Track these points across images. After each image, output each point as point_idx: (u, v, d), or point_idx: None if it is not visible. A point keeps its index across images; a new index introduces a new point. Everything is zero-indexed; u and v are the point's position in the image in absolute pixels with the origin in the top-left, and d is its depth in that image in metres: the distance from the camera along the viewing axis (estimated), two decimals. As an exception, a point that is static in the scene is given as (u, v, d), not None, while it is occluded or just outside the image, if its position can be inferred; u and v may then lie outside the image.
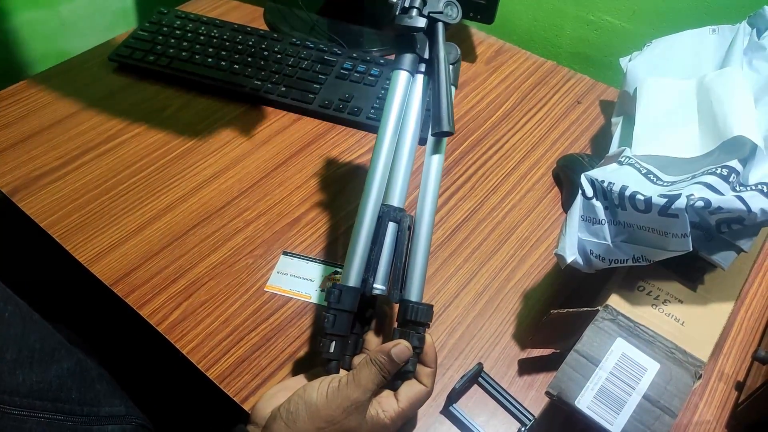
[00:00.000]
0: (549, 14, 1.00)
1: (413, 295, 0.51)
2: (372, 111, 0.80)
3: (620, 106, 0.73)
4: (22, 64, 0.85)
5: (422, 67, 0.55)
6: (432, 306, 0.51)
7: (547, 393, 0.48)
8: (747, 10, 0.67)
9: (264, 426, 0.47)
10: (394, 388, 0.49)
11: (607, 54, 0.97)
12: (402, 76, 0.54)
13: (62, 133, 0.76)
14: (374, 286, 0.51)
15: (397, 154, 0.54)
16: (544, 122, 0.84)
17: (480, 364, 0.56)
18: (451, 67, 0.53)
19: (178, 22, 0.91)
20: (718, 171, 0.49)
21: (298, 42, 0.89)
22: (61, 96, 0.82)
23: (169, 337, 0.58)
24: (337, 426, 0.45)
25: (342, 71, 0.85)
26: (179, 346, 0.58)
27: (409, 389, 0.48)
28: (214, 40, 0.87)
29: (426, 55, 0.54)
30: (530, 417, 0.55)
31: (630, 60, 0.73)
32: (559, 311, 0.53)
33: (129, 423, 0.55)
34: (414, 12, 0.52)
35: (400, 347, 0.47)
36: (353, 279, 0.51)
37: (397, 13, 0.52)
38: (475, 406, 0.56)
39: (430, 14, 0.52)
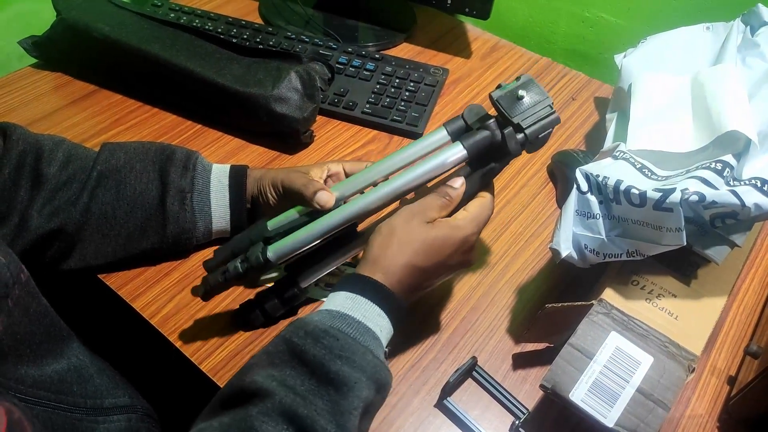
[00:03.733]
0: (544, 11, 1.00)
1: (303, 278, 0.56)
2: (367, 106, 0.80)
3: (615, 102, 0.73)
4: (14, 55, 0.84)
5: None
6: (295, 297, 0.56)
7: (542, 386, 0.48)
8: (741, 7, 0.68)
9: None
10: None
11: (602, 51, 0.98)
12: (441, 132, 0.55)
13: (55, 125, 0.76)
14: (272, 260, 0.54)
15: (391, 183, 0.54)
16: (539, 118, 0.84)
17: (474, 358, 0.56)
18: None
19: (172, 15, 0.90)
20: (713, 165, 0.49)
21: (293, 36, 0.89)
22: (55, 87, 0.81)
23: (161, 330, 0.58)
24: (402, 234, 0.50)
25: (337, 66, 0.84)
26: (172, 339, 0.58)
27: (475, 200, 0.53)
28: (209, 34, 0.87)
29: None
30: (524, 410, 0.55)
31: (625, 57, 0.74)
32: (554, 305, 0.53)
33: (134, 412, 0.55)
34: (514, 136, 0.51)
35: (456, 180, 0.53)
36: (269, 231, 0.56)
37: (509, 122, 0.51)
38: (469, 399, 0.56)
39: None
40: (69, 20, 0.76)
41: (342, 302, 0.47)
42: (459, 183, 0.52)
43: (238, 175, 0.62)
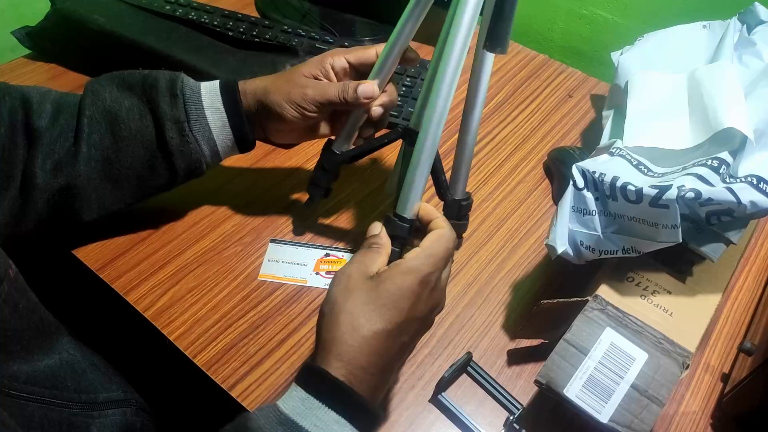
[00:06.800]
0: (542, 8, 1.00)
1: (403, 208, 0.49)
2: (363, 100, 0.80)
3: (611, 100, 0.73)
4: (7, 46, 0.84)
5: None
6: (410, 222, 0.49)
7: (536, 382, 0.48)
8: (737, 6, 0.68)
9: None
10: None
11: (599, 48, 0.98)
12: None
13: (48, 117, 0.75)
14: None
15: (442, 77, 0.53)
16: (536, 115, 0.84)
17: (469, 354, 0.56)
18: None
19: (168, 7, 0.89)
20: (709, 162, 0.49)
21: (290, 30, 0.88)
22: (48, 79, 0.80)
23: (155, 323, 0.58)
24: (349, 292, 0.43)
25: (334, 60, 0.84)
26: (166, 332, 0.57)
27: (429, 235, 0.46)
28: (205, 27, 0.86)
29: None
30: (519, 406, 0.55)
31: (621, 54, 0.74)
32: (549, 301, 0.53)
33: (129, 406, 0.55)
34: None
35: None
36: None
37: None
38: (463, 395, 0.56)
39: None
40: (63, 11, 0.76)
41: (294, 405, 0.40)
42: (378, 229, 0.47)
43: (229, 92, 0.58)
